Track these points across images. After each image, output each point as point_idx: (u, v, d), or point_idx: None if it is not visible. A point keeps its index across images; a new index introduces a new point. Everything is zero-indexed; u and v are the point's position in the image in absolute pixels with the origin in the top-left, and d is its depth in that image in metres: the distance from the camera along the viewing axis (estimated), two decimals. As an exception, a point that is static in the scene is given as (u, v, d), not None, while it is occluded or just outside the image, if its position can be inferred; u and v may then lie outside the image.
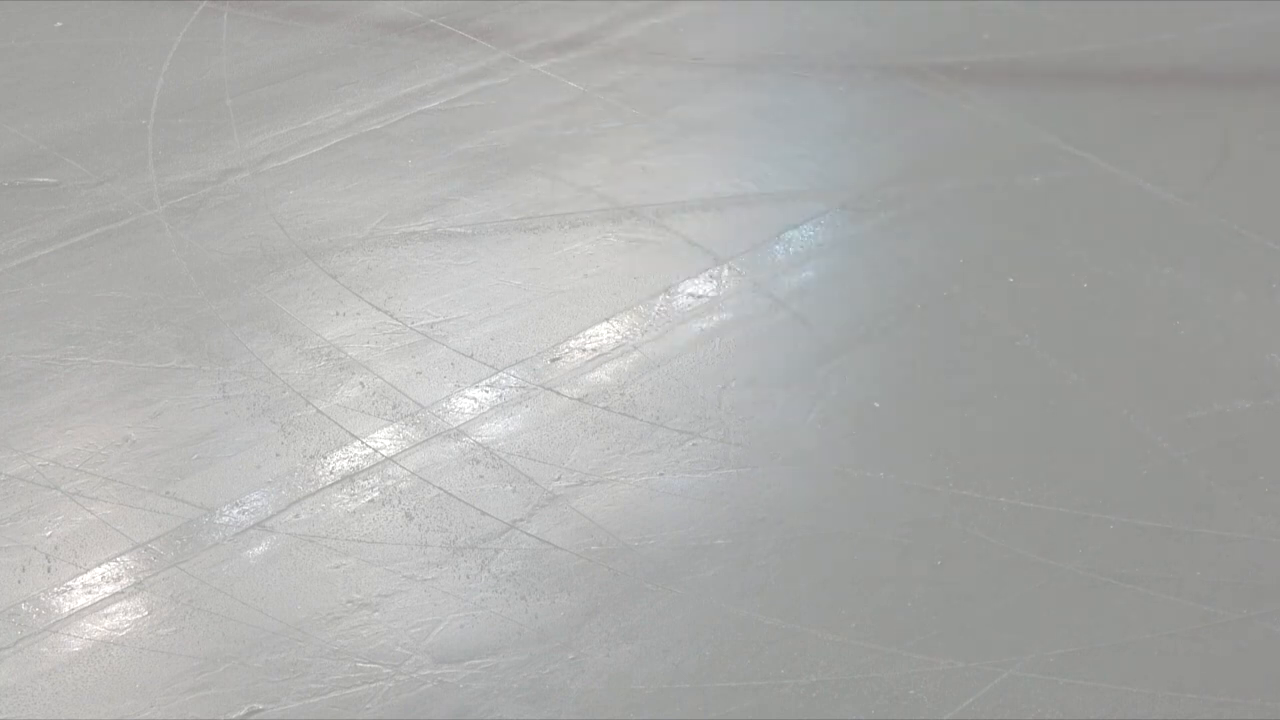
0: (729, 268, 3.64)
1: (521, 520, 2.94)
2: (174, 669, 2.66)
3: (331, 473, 3.07)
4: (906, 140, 4.17)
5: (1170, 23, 4.62)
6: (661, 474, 3.03)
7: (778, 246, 3.73)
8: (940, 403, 3.21)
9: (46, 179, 4.11)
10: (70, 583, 2.84)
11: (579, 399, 3.24)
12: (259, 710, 2.58)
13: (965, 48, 4.57)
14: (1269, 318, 3.39)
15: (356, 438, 3.16)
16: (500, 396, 3.26)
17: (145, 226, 3.88)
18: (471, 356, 3.38)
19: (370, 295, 3.59)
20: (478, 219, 3.87)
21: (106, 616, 2.77)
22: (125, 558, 2.89)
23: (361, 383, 3.31)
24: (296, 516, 2.96)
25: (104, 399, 3.29)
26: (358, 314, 3.53)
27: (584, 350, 3.39)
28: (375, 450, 3.12)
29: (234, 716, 2.57)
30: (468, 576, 2.82)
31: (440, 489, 3.02)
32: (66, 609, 2.79)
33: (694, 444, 3.11)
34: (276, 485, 3.05)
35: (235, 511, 2.98)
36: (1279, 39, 4.58)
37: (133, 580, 2.84)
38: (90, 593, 2.82)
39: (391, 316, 3.52)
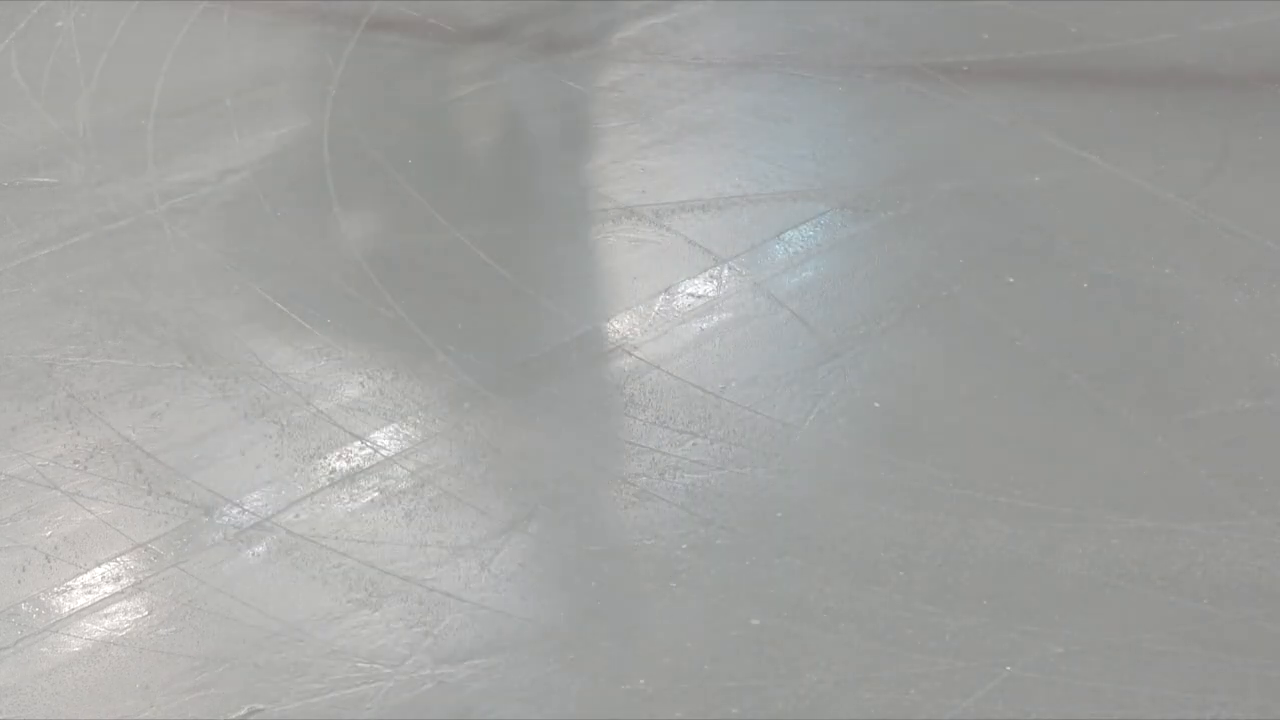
0: (729, 268, 3.64)
1: (521, 520, 2.93)
2: (174, 669, 2.66)
3: (331, 473, 3.07)
4: (906, 140, 4.16)
5: (1170, 23, 4.62)
6: (661, 474, 3.03)
7: (778, 246, 3.73)
8: (940, 403, 3.21)
9: (46, 179, 4.11)
10: (70, 583, 2.84)
11: (579, 399, 3.24)
12: (259, 710, 2.57)
13: (965, 48, 4.57)
14: (1269, 318, 3.38)
15: (356, 438, 3.16)
16: (500, 396, 3.26)
17: (145, 226, 3.88)
18: (472, 356, 3.38)
19: (370, 295, 3.58)
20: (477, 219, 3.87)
21: (106, 616, 2.77)
22: (125, 558, 2.89)
23: (361, 383, 3.31)
24: (296, 516, 2.96)
25: (104, 399, 3.29)
26: (358, 314, 3.53)
27: (584, 350, 3.39)
28: (375, 450, 3.12)
29: (234, 716, 2.57)
30: (468, 576, 2.82)
31: (440, 489, 3.02)
32: (66, 609, 2.79)
33: (694, 444, 3.10)
34: (276, 485, 3.05)
35: (235, 511, 2.98)
36: (1279, 39, 4.58)
37: (133, 580, 2.84)
38: (90, 593, 2.82)
39: (392, 316, 3.51)
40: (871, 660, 2.62)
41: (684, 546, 2.86)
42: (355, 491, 3.02)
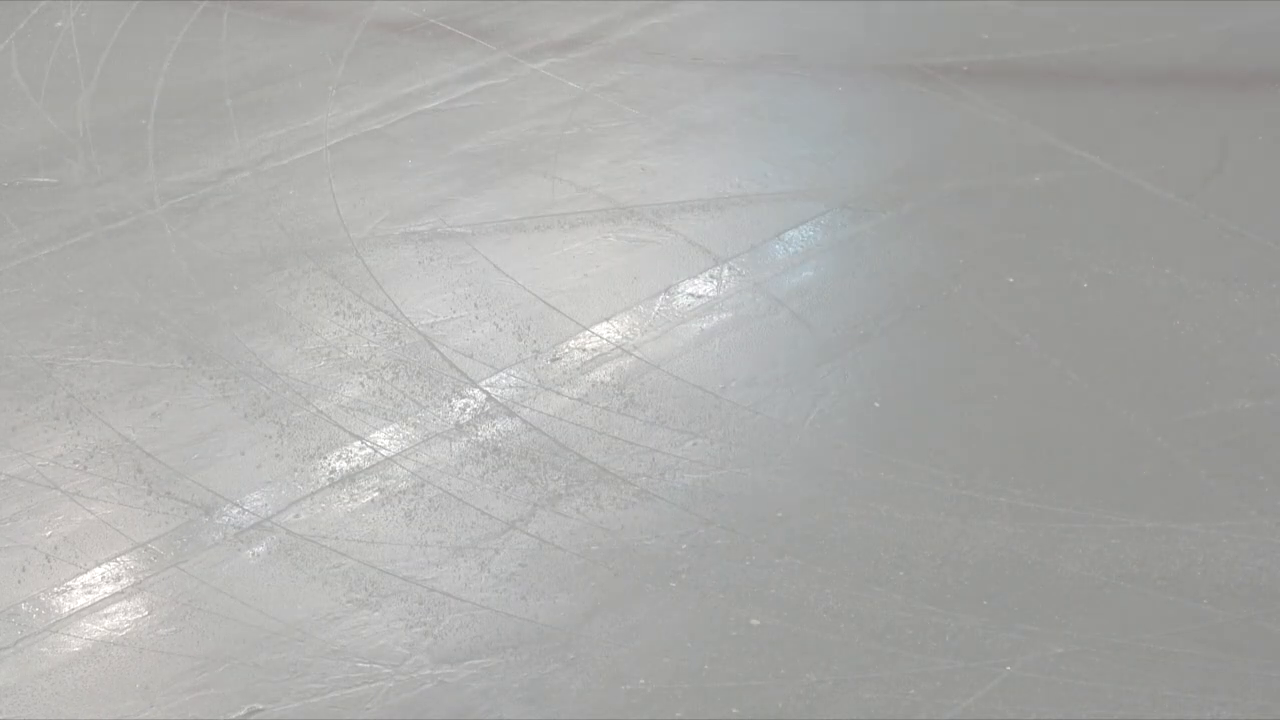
0: (729, 268, 3.64)
1: (521, 520, 2.93)
2: (174, 669, 2.66)
3: (331, 473, 3.07)
4: (906, 140, 4.16)
5: (1170, 23, 4.62)
6: (662, 474, 3.03)
7: (778, 246, 3.73)
8: (940, 403, 3.21)
9: (46, 179, 4.11)
10: (70, 583, 2.84)
11: (579, 399, 3.24)
12: (259, 710, 2.58)
13: (965, 48, 4.57)
14: (1269, 318, 3.38)
15: (356, 438, 3.16)
16: (501, 396, 3.26)
17: (145, 226, 3.88)
18: (471, 356, 3.38)
19: (370, 295, 3.59)
20: (478, 219, 3.88)
21: (106, 616, 2.77)
22: (125, 558, 2.89)
23: (361, 383, 3.31)
24: (296, 516, 2.96)
25: (104, 399, 3.29)
26: (358, 314, 3.53)
27: (584, 350, 3.39)
28: (375, 450, 3.12)
29: (234, 716, 2.57)
30: (468, 576, 2.82)
31: (440, 489, 3.02)
32: (66, 609, 2.79)
33: (694, 444, 3.10)
34: (276, 485, 3.05)
35: (235, 511, 2.98)
36: (1279, 39, 4.58)
37: (133, 580, 2.84)
38: (90, 593, 2.82)
39: (391, 316, 3.52)
40: (871, 660, 2.62)
41: (684, 546, 2.86)
42: (355, 491, 3.02)
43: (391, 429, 3.18)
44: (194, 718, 2.57)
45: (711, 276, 3.61)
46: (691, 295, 3.56)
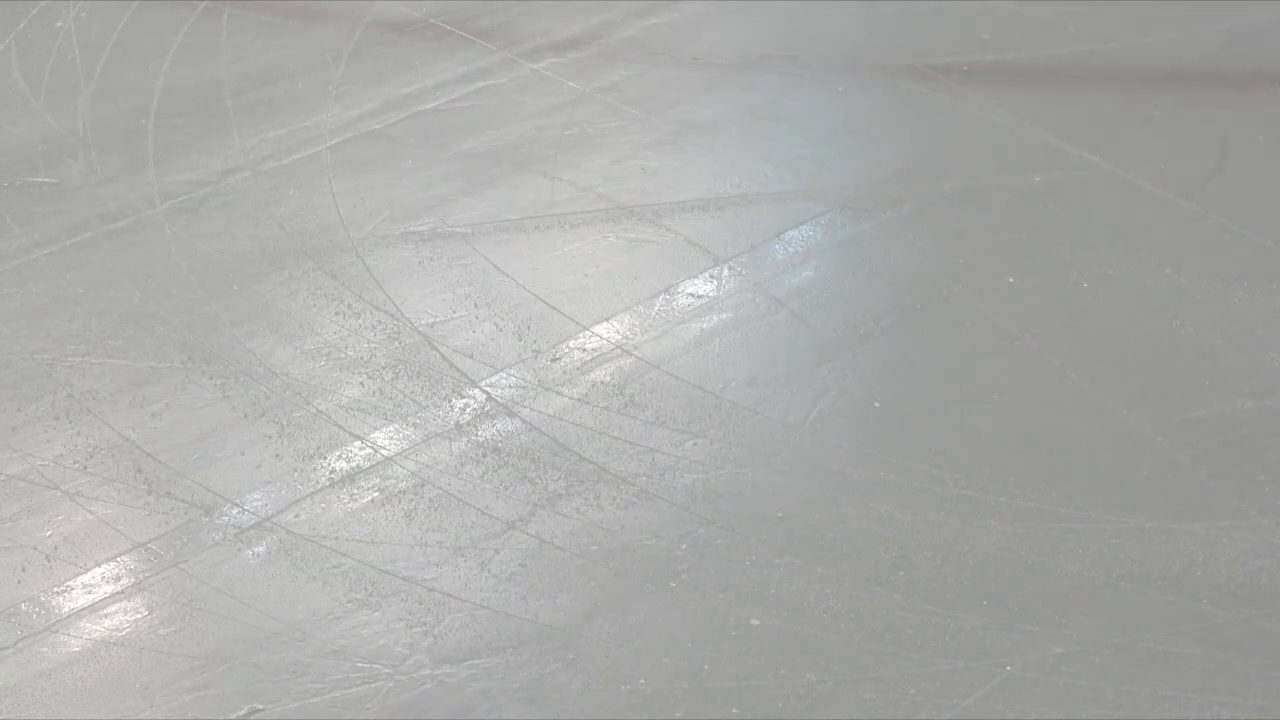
0: (729, 268, 3.64)
1: (521, 520, 2.93)
2: (174, 669, 2.66)
3: (331, 473, 3.07)
4: (906, 140, 4.16)
5: (1170, 23, 4.62)
6: (662, 474, 3.03)
7: (778, 246, 3.73)
8: (940, 403, 3.21)
9: (46, 179, 4.11)
10: (70, 583, 2.84)
11: (579, 399, 3.24)
12: (259, 710, 2.58)
13: (965, 48, 4.57)
14: (1269, 318, 3.38)
15: (356, 438, 3.16)
16: (500, 396, 3.26)
17: (145, 226, 3.88)
18: (471, 356, 3.38)
19: (370, 295, 3.59)
20: (478, 219, 3.88)
21: (106, 616, 2.77)
22: (125, 558, 2.89)
23: (361, 383, 3.31)
24: (296, 516, 2.96)
25: (104, 399, 3.29)
26: (358, 314, 3.53)
27: (584, 350, 3.39)
28: (375, 450, 3.12)
29: (234, 716, 2.57)
30: (468, 576, 2.82)
31: (440, 489, 3.02)
32: (66, 609, 2.79)
33: (694, 444, 3.10)
34: (276, 485, 3.05)
35: (235, 511, 2.98)
36: (1279, 39, 4.58)
37: (133, 580, 2.84)
38: (90, 593, 2.82)
39: (391, 316, 3.52)
40: (871, 660, 2.62)
41: (684, 546, 2.86)
42: (355, 491, 3.02)
43: (391, 429, 3.18)
44: (194, 718, 2.57)
45: (711, 276, 3.61)
46: (691, 295, 3.56)
